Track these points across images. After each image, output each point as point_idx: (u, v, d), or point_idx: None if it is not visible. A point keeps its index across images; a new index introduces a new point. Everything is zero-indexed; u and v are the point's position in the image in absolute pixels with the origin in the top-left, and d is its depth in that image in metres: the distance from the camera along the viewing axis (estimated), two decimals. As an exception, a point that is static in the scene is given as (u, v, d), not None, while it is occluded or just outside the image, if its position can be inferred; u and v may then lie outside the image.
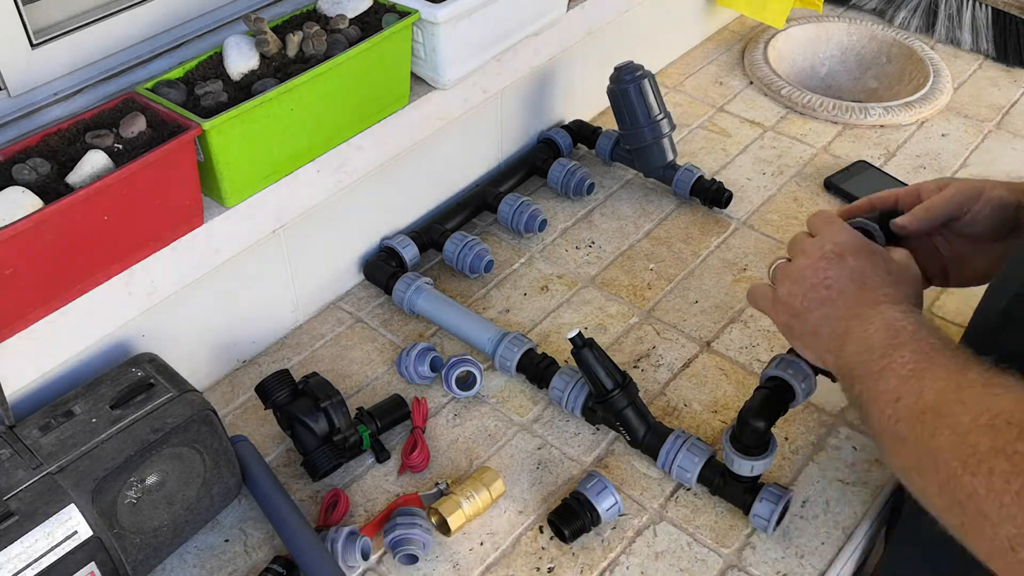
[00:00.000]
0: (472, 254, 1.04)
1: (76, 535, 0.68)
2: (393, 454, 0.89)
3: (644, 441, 0.85)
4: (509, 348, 0.93)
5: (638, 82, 1.10)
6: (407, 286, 1.00)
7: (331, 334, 1.02)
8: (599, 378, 0.84)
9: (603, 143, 1.21)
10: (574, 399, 0.89)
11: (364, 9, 0.94)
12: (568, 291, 1.06)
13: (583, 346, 0.84)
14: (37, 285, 0.73)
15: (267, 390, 0.86)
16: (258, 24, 0.86)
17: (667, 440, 0.84)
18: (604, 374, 0.84)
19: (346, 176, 0.96)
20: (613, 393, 0.84)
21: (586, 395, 0.88)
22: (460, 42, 0.99)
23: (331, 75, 0.87)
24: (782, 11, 1.41)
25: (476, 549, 0.81)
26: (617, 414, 0.85)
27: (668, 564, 0.80)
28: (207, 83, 0.84)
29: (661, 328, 1.01)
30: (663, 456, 0.84)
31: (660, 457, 0.84)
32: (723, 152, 1.26)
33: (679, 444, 0.83)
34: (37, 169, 0.74)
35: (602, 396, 0.85)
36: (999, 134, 1.28)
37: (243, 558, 0.81)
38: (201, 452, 0.76)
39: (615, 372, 0.85)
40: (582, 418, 0.90)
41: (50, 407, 0.75)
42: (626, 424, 0.85)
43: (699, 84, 1.40)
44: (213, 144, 0.80)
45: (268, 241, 0.94)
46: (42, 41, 0.83)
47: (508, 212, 1.10)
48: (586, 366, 0.85)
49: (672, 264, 1.09)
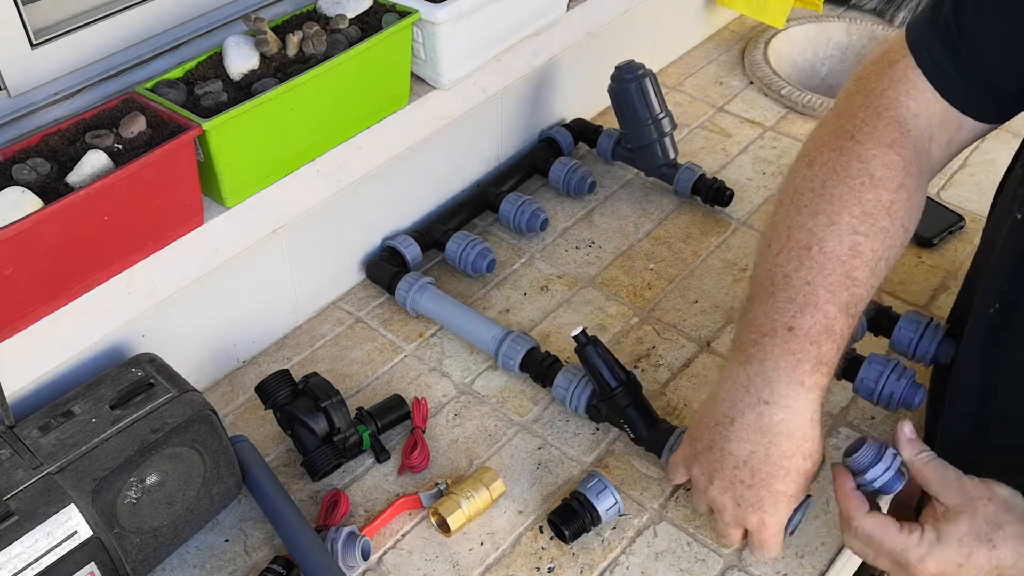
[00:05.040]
0: (475, 253, 1.04)
1: (76, 535, 0.68)
2: (393, 454, 0.88)
3: (648, 439, 0.85)
4: (512, 347, 0.93)
5: (639, 81, 1.10)
6: (410, 285, 1.00)
7: (331, 334, 1.02)
8: (602, 376, 0.84)
9: (604, 142, 1.21)
10: (577, 397, 0.88)
11: (364, 9, 0.94)
12: (568, 291, 1.06)
13: (587, 343, 0.84)
14: (37, 285, 0.73)
15: (267, 390, 0.86)
16: (258, 24, 0.86)
17: (671, 437, 0.84)
18: (608, 371, 0.84)
19: (346, 176, 0.96)
20: (617, 391, 0.84)
21: (590, 393, 0.88)
22: (460, 42, 0.99)
23: (331, 75, 0.87)
24: (782, 11, 1.41)
25: (476, 549, 0.81)
26: (621, 412, 0.85)
27: (668, 564, 0.80)
28: (207, 83, 0.84)
29: (661, 328, 1.01)
30: (667, 454, 0.83)
31: (664, 455, 0.84)
32: (723, 152, 1.26)
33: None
34: (37, 169, 0.74)
35: (606, 394, 0.85)
36: (999, 134, 1.28)
37: (243, 558, 0.81)
38: (201, 452, 0.76)
39: (619, 369, 0.85)
40: (586, 416, 0.90)
41: (50, 407, 0.75)
42: (630, 422, 0.85)
43: (699, 84, 1.40)
44: (213, 144, 0.80)
45: (268, 241, 0.94)
46: (42, 41, 0.83)
47: (510, 211, 1.10)
48: (590, 364, 0.84)
49: (672, 264, 1.09)
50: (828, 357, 0.67)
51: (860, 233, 0.67)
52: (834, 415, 0.92)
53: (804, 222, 0.68)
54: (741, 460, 0.69)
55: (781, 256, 0.69)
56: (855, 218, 0.67)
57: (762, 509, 0.70)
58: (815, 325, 0.66)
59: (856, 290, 0.67)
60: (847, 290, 0.67)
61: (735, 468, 0.70)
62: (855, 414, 0.91)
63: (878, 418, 0.91)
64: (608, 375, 0.84)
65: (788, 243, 0.69)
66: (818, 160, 0.70)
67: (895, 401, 0.84)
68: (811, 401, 0.67)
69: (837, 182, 0.68)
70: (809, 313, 0.66)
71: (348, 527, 0.79)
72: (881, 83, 0.70)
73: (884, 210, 0.67)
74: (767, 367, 0.68)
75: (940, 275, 1.06)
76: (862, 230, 0.67)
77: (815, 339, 0.67)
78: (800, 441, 0.68)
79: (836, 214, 0.67)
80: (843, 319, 0.67)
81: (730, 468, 0.70)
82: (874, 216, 0.67)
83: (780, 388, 0.67)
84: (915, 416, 0.90)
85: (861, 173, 0.67)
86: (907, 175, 0.68)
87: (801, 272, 0.67)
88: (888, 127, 0.68)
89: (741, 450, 0.69)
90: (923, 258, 1.08)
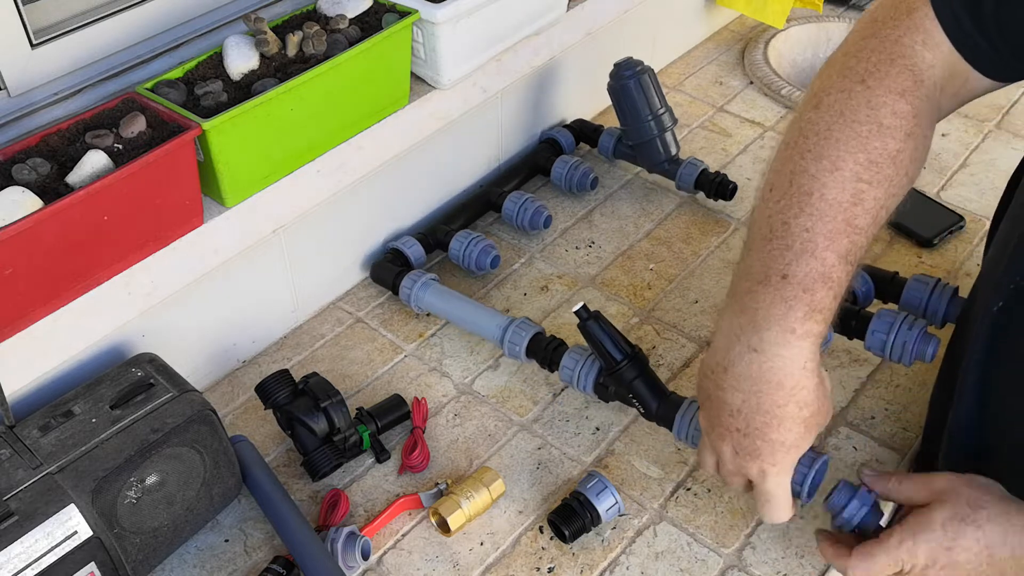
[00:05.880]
0: (478, 250, 1.04)
1: (76, 535, 0.68)
2: (393, 454, 0.89)
3: (658, 412, 0.84)
4: (518, 333, 0.93)
5: (638, 77, 1.11)
6: (413, 282, 1.00)
7: (331, 334, 1.02)
8: (607, 350, 0.83)
9: (605, 141, 1.21)
10: (585, 376, 0.87)
11: (364, 9, 0.94)
12: (568, 291, 1.06)
13: (588, 318, 0.83)
14: (37, 285, 0.73)
15: (267, 390, 0.86)
16: (258, 24, 0.86)
17: (681, 407, 0.82)
18: (612, 344, 0.83)
19: (346, 176, 0.96)
20: (622, 364, 0.83)
21: (597, 371, 0.87)
22: (460, 42, 0.99)
23: (331, 75, 0.87)
24: (782, 11, 1.41)
25: (476, 549, 0.81)
26: (628, 385, 0.84)
27: (668, 564, 0.80)
28: (207, 83, 0.84)
29: (661, 328, 1.01)
30: (678, 424, 0.82)
31: (675, 425, 0.82)
32: (723, 152, 1.26)
33: (695, 409, 0.81)
34: (37, 169, 0.74)
35: (612, 368, 0.84)
36: (999, 134, 1.28)
37: (243, 558, 0.81)
38: (201, 452, 0.76)
39: (623, 343, 0.84)
40: (594, 395, 0.89)
41: (50, 407, 0.75)
42: (638, 395, 0.84)
43: (699, 84, 1.40)
44: (213, 144, 0.80)
45: (268, 241, 0.94)
46: (42, 41, 0.83)
47: (513, 209, 1.11)
48: (593, 339, 0.84)
49: (672, 264, 1.09)
50: (823, 304, 0.66)
51: (864, 181, 0.66)
52: (834, 415, 0.92)
53: (807, 167, 0.67)
54: (735, 409, 0.69)
55: (782, 203, 0.67)
56: (860, 165, 0.66)
57: (760, 457, 0.69)
58: (810, 273, 0.65)
59: (856, 237, 0.66)
60: (847, 237, 0.66)
61: (730, 417, 0.70)
62: (855, 414, 0.91)
63: (878, 418, 0.91)
64: (612, 348, 0.83)
65: (790, 188, 0.67)
66: (825, 102, 0.69)
67: (908, 353, 0.83)
68: (803, 349, 0.66)
69: (844, 126, 0.67)
70: (805, 261, 0.65)
71: (348, 527, 0.79)
72: (897, 30, 0.68)
73: (890, 159, 0.66)
74: (758, 316, 0.67)
75: (940, 275, 1.06)
76: (866, 178, 0.66)
77: (809, 287, 0.65)
78: (793, 390, 0.67)
79: (840, 160, 0.66)
80: (841, 266, 0.66)
81: (726, 417, 0.70)
82: (879, 164, 0.66)
83: (770, 336, 0.66)
84: (916, 416, 0.91)
85: (869, 120, 0.66)
86: (916, 124, 0.67)
87: (801, 219, 0.66)
88: (901, 75, 0.67)
89: (734, 399, 0.69)
90: (923, 258, 1.08)
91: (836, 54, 0.71)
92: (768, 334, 0.66)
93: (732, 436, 0.70)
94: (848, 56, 0.70)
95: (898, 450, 0.88)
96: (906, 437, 0.89)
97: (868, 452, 0.88)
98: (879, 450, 0.88)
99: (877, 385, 0.94)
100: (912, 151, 0.67)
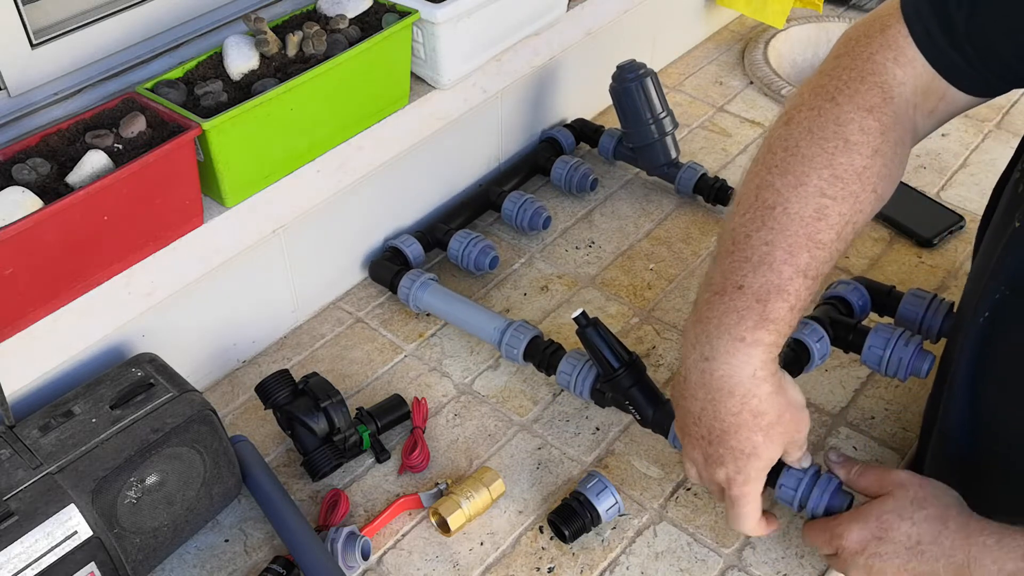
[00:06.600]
0: (477, 250, 1.04)
1: (76, 535, 0.68)
2: (393, 454, 0.89)
3: (653, 419, 0.84)
4: (515, 336, 0.93)
5: (640, 80, 1.11)
6: (412, 282, 1.00)
7: (331, 334, 1.02)
8: (605, 357, 0.83)
9: (606, 142, 1.21)
10: (582, 381, 0.88)
11: (364, 9, 0.94)
12: (568, 291, 1.06)
13: (587, 325, 0.83)
14: (37, 285, 0.73)
15: (267, 390, 0.86)
16: (258, 24, 0.86)
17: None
18: (609, 352, 0.83)
19: (346, 176, 0.96)
20: (619, 371, 0.83)
21: (594, 377, 0.87)
22: (460, 42, 0.99)
23: (331, 75, 0.87)
24: (782, 11, 1.41)
25: (476, 549, 0.81)
26: (624, 392, 0.84)
27: (668, 564, 0.80)
28: (207, 83, 0.84)
29: (661, 328, 1.01)
30: (673, 431, 0.82)
31: (671, 433, 0.83)
32: (723, 152, 1.26)
33: None
34: (37, 169, 0.74)
35: (609, 375, 0.84)
36: (999, 134, 1.28)
37: (243, 558, 0.81)
38: (201, 452, 0.76)
39: (621, 350, 0.84)
40: (591, 401, 0.89)
41: (50, 407, 0.75)
42: (634, 403, 0.84)
43: (699, 84, 1.40)
44: (213, 144, 0.80)
45: (268, 241, 0.94)
46: (42, 41, 0.83)
47: (512, 209, 1.11)
48: (591, 345, 0.84)
49: (672, 264, 1.09)
50: (777, 316, 0.66)
51: (828, 196, 0.66)
52: (834, 415, 0.92)
53: (772, 181, 0.68)
54: (696, 417, 0.70)
55: (747, 216, 0.68)
56: (824, 181, 0.66)
57: (724, 465, 0.70)
58: (765, 284, 0.66)
59: (818, 252, 0.66)
60: (808, 252, 0.66)
61: (694, 425, 0.70)
62: (855, 414, 0.91)
63: (878, 418, 0.91)
64: (610, 356, 0.83)
65: (755, 202, 0.68)
66: (795, 119, 0.69)
67: (904, 368, 0.84)
68: (751, 356, 0.66)
69: (811, 142, 0.67)
70: (762, 273, 0.66)
71: (348, 527, 0.79)
72: (870, 47, 0.69)
73: (856, 175, 0.66)
74: (711, 325, 0.67)
75: (940, 275, 1.06)
76: (830, 193, 0.66)
77: (762, 298, 0.66)
78: (744, 397, 0.67)
79: (805, 175, 0.67)
80: (799, 280, 0.66)
81: (691, 425, 0.71)
82: (844, 180, 0.66)
83: (720, 344, 0.67)
84: (916, 416, 0.91)
85: (836, 136, 0.67)
86: (884, 141, 0.67)
87: (762, 232, 0.67)
88: (870, 91, 0.68)
89: (694, 407, 0.70)
90: (923, 258, 1.08)
91: (813, 74, 0.72)
92: (719, 342, 0.67)
93: (699, 444, 0.71)
94: (822, 75, 0.70)
95: (898, 450, 0.88)
96: (906, 437, 0.89)
97: (868, 452, 0.88)
98: (879, 450, 0.88)
99: (877, 385, 0.94)
100: (880, 168, 0.68)
